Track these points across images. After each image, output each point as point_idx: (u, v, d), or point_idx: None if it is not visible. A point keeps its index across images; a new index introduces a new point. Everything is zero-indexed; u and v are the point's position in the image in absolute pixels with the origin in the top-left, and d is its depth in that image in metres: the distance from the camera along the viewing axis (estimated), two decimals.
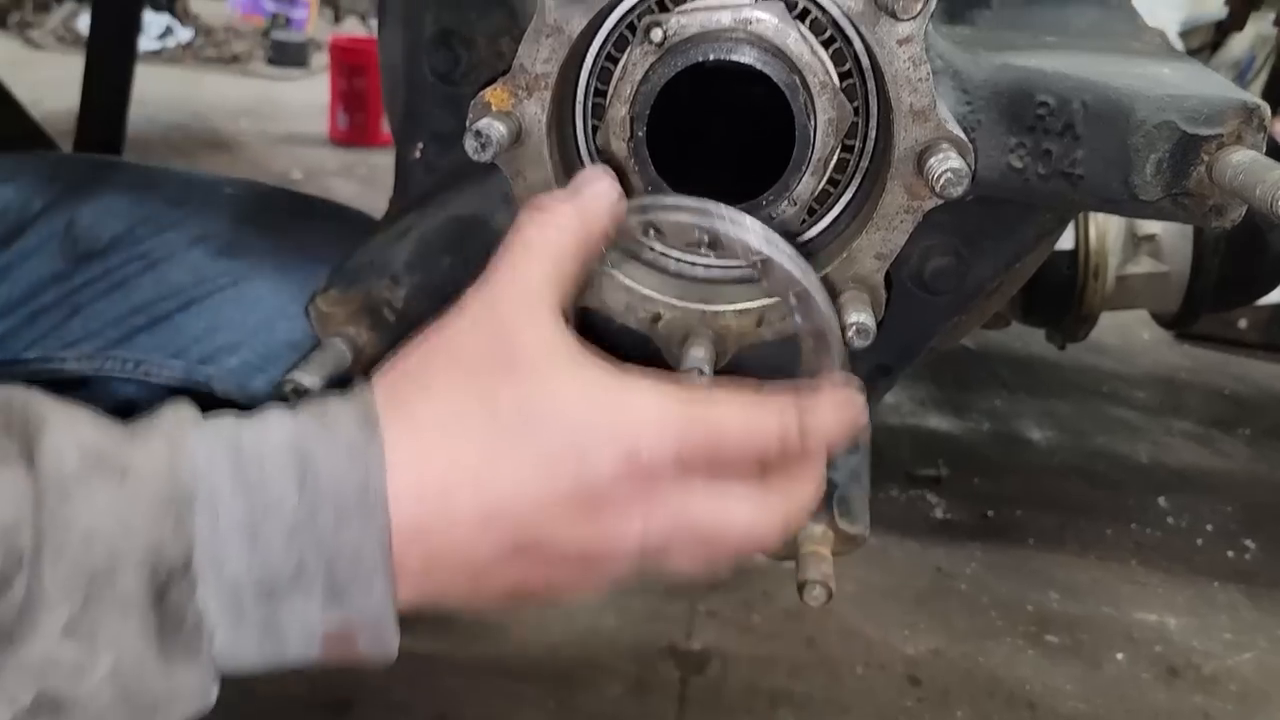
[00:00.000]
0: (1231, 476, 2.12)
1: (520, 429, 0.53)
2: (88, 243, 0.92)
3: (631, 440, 0.53)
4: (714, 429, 0.55)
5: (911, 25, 0.62)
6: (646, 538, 0.54)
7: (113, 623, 0.46)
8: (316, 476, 0.50)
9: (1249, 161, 0.65)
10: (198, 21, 5.02)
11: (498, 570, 0.53)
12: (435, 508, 0.52)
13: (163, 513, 0.48)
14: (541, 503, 0.52)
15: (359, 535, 0.50)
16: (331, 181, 3.35)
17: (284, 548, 0.49)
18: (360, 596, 0.50)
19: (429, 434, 0.53)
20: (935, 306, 0.88)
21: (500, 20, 0.81)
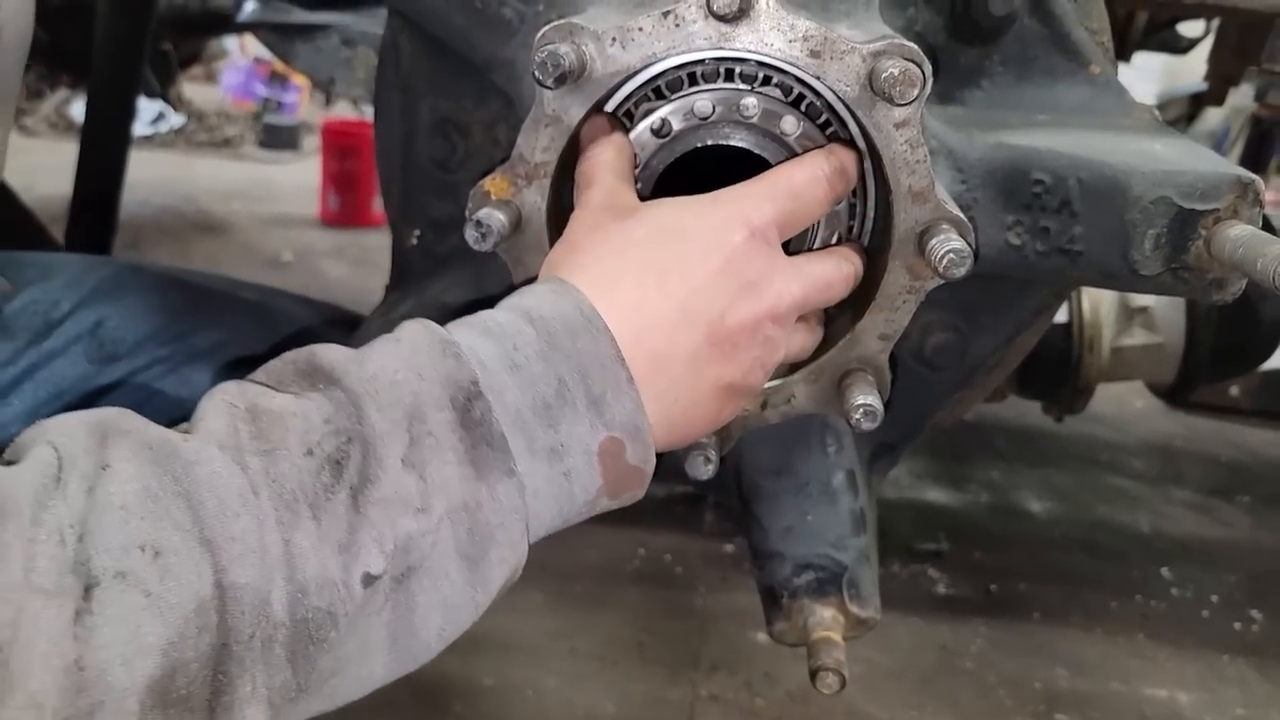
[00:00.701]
0: (1234, 545, 2.10)
1: (666, 242, 0.62)
2: (113, 345, 0.95)
3: (742, 213, 0.63)
4: (786, 180, 0.65)
5: (908, 109, 0.62)
6: (794, 297, 0.64)
7: (435, 457, 0.53)
8: (541, 315, 0.58)
9: (1248, 235, 0.65)
10: (190, 107, 5.09)
11: (705, 363, 0.61)
12: (639, 317, 0.60)
13: (441, 354, 0.55)
14: (711, 287, 0.61)
15: (594, 344, 0.58)
16: (323, 263, 3.36)
17: (542, 370, 0.56)
18: (615, 401, 0.58)
19: (605, 274, 0.61)
20: (937, 382, 0.88)
21: (496, 108, 0.82)
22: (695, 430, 0.64)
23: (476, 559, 0.55)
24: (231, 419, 0.51)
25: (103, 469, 0.46)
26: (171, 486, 0.47)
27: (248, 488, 0.48)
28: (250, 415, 0.51)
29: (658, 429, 0.60)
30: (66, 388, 0.92)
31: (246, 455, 0.50)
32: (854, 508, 0.82)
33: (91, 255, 1.28)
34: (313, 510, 0.50)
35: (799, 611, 0.81)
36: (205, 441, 0.50)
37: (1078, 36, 0.80)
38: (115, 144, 1.88)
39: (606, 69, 0.63)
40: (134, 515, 0.45)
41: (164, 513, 0.46)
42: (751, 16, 0.61)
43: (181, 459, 0.48)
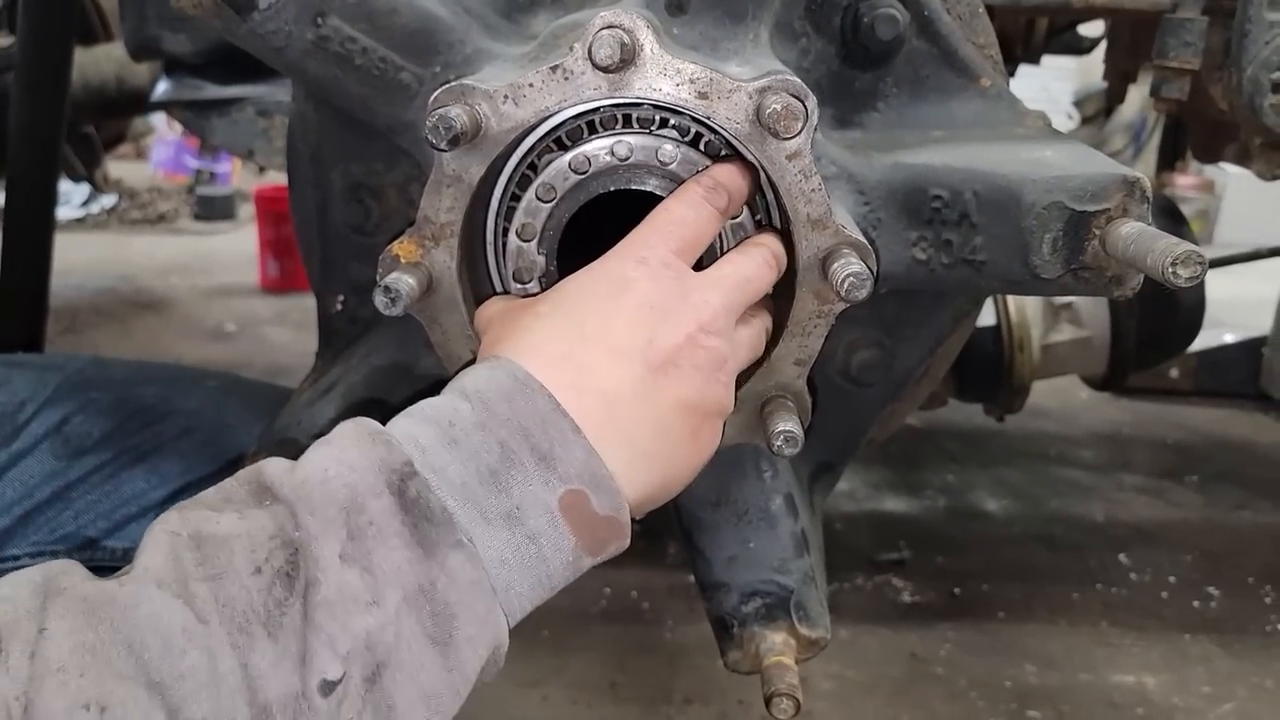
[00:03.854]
0: (1187, 525, 2.14)
1: (574, 302, 0.63)
2: (79, 440, 0.96)
3: (634, 254, 0.64)
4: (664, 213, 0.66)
5: (796, 142, 0.64)
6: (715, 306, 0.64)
7: (380, 545, 0.52)
8: (476, 389, 0.58)
9: (1138, 232, 0.67)
10: (121, 185, 5.04)
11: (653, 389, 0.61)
12: (571, 367, 0.60)
13: (371, 443, 0.55)
14: (630, 322, 0.62)
15: (530, 403, 0.58)
16: (266, 330, 3.33)
17: (481, 439, 0.56)
18: (564, 452, 0.57)
19: (528, 342, 0.62)
20: (867, 398, 0.90)
21: (408, 168, 0.83)
22: (681, 460, 0.64)
23: (444, 641, 0.53)
24: (173, 549, 0.50)
25: (41, 632, 0.46)
26: (110, 636, 0.46)
27: (193, 619, 0.48)
28: (194, 542, 0.51)
29: (636, 470, 0.60)
30: (36, 485, 0.93)
31: (191, 584, 0.49)
32: (795, 530, 0.83)
33: (51, 354, 1.30)
34: (267, 629, 0.49)
35: (750, 639, 0.81)
36: (143, 582, 0.49)
37: (966, 53, 0.83)
38: (39, 232, 1.86)
39: (501, 126, 0.64)
40: (73, 675, 0.44)
41: (104, 665, 0.45)
42: (637, 64, 0.63)
43: (118, 605, 0.47)
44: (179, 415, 1.01)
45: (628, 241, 0.65)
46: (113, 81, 2.16)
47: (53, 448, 0.95)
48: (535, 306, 0.64)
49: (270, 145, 1.65)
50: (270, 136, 1.65)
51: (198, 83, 1.63)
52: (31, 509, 0.93)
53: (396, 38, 0.71)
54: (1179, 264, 0.61)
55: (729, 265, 0.68)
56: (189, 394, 1.05)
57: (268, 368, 2.89)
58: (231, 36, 0.72)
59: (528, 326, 0.63)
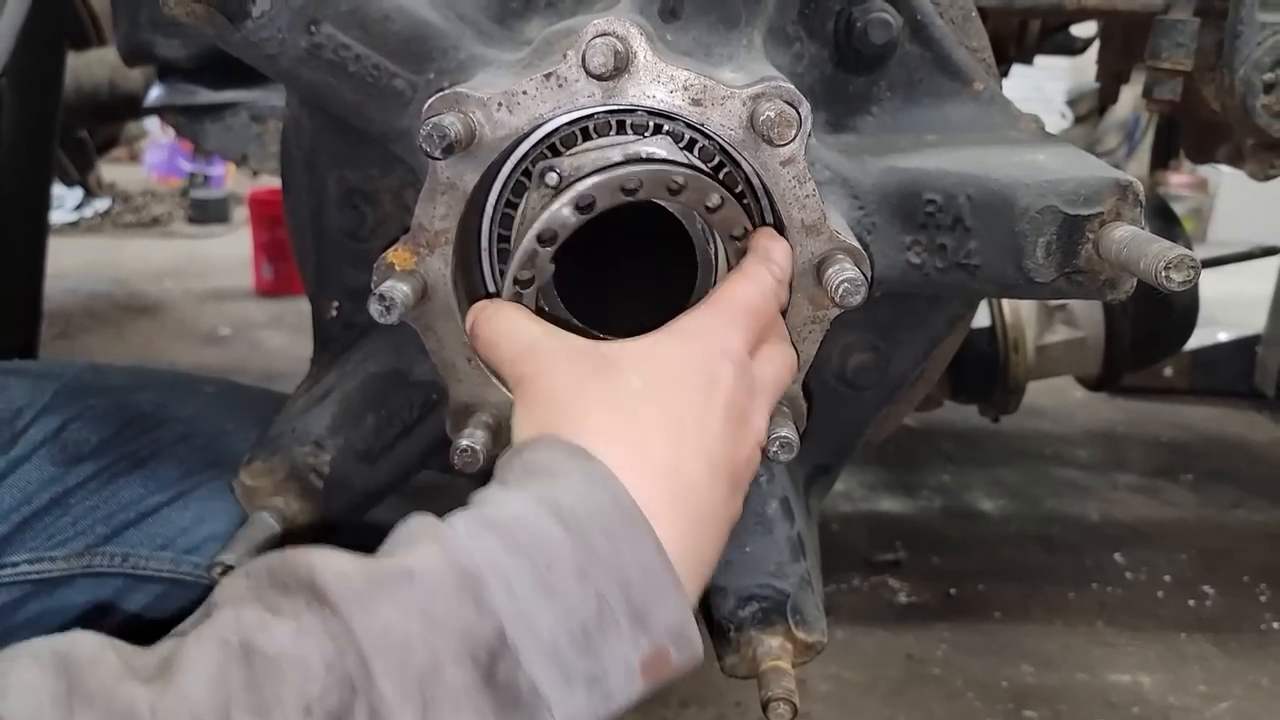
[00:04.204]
0: (1181, 524, 2.15)
1: (669, 390, 0.59)
2: (77, 447, 0.95)
3: (720, 347, 0.62)
4: (744, 302, 0.65)
5: (790, 148, 0.64)
6: (765, 415, 0.64)
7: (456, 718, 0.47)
8: (574, 514, 0.52)
9: (1130, 236, 0.67)
10: (114, 189, 5.03)
11: (725, 507, 0.60)
12: (674, 483, 0.56)
13: (461, 599, 0.49)
14: (724, 432, 0.59)
15: (636, 549, 0.53)
16: (261, 334, 3.33)
17: (579, 589, 0.51)
18: (660, 609, 0.53)
19: (628, 435, 0.57)
20: (862, 401, 0.90)
21: (403, 174, 0.83)
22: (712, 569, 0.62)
23: None
24: (222, 663, 0.46)
25: None
26: None
27: None
28: (244, 656, 0.46)
29: (696, 589, 0.58)
30: (34, 491, 0.93)
31: (234, 713, 0.45)
32: (790, 534, 0.83)
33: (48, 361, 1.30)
34: None
35: (747, 643, 0.81)
36: (180, 703, 0.45)
37: (959, 56, 0.83)
38: (32, 236, 1.86)
39: (495, 134, 0.64)
40: None
41: None
42: (631, 71, 0.63)
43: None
44: (176, 422, 1.01)
45: (707, 324, 0.63)
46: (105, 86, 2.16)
47: (50, 454, 0.95)
48: (626, 379, 0.59)
49: (264, 150, 1.64)
50: (264, 141, 1.64)
51: (191, 88, 1.63)
52: (30, 516, 0.92)
53: (390, 45, 0.71)
54: (1172, 268, 0.61)
55: (772, 366, 0.67)
56: (186, 400, 1.04)
57: (263, 371, 2.89)
58: (224, 44, 0.72)
59: (624, 407, 0.58)
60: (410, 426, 0.83)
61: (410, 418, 0.83)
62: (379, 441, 0.82)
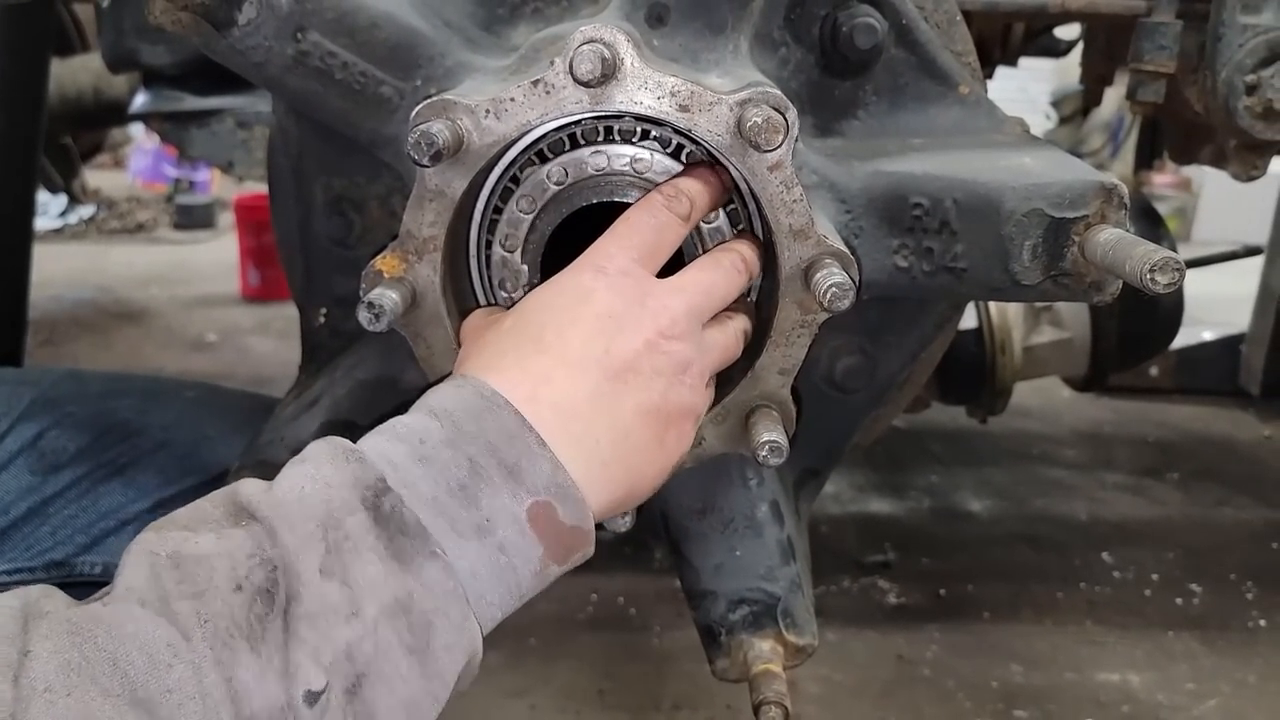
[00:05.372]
0: (1168, 522, 2.16)
1: (532, 315, 0.64)
2: (55, 455, 0.95)
3: (591, 264, 0.65)
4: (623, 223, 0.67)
5: (777, 154, 0.64)
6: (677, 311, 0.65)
7: (356, 560, 0.53)
8: (444, 407, 0.59)
9: (1116, 239, 0.68)
10: (98, 195, 5.00)
11: (611, 397, 0.62)
12: (528, 380, 0.61)
13: (345, 461, 0.56)
14: (586, 332, 0.63)
15: (497, 419, 0.59)
16: (248, 339, 3.31)
17: (451, 455, 0.57)
18: (531, 465, 0.58)
19: (489, 359, 0.63)
20: (851, 405, 0.90)
21: (390, 181, 0.83)
22: (646, 465, 0.65)
23: (422, 651, 0.54)
24: (153, 569, 0.51)
25: (24, 655, 0.46)
26: (95, 655, 0.46)
27: (177, 636, 0.48)
28: (173, 562, 0.51)
29: (597, 476, 0.61)
30: (12, 501, 0.93)
31: (174, 602, 0.49)
32: (781, 538, 0.84)
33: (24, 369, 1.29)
34: (250, 643, 0.50)
35: (738, 647, 0.82)
36: (125, 601, 0.49)
37: (944, 61, 0.83)
38: (17, 243, 1.85)
39: (483, 140, 0.64)
40: (59, 694, 0.45)
41: (90, 683, 0.45)
42: (618, 78, 0.63)
43: (103, 624, 0.48)
44: (156, 428, 1.00)
45: (589, 252, 0.66)
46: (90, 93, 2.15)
47: (28, 463, 0.94)
48: (500, 322, 0.66)
49: (250, 157, 1.64)
50: (250, 148, 1.64)
51: (176, 94, 1.62)
52: (7, 526, 0.92)
53: (377, 52, 0.71)
54: (1157, 270, 0.61)
55: (694, 271, 0.69)
56: (166, 406, 1.04)
57: (250, 378, 2.88)
58: (211, 52, 0.72)
59: (490, 342, 0.64)
60: None
61: None
62: None
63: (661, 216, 0.67)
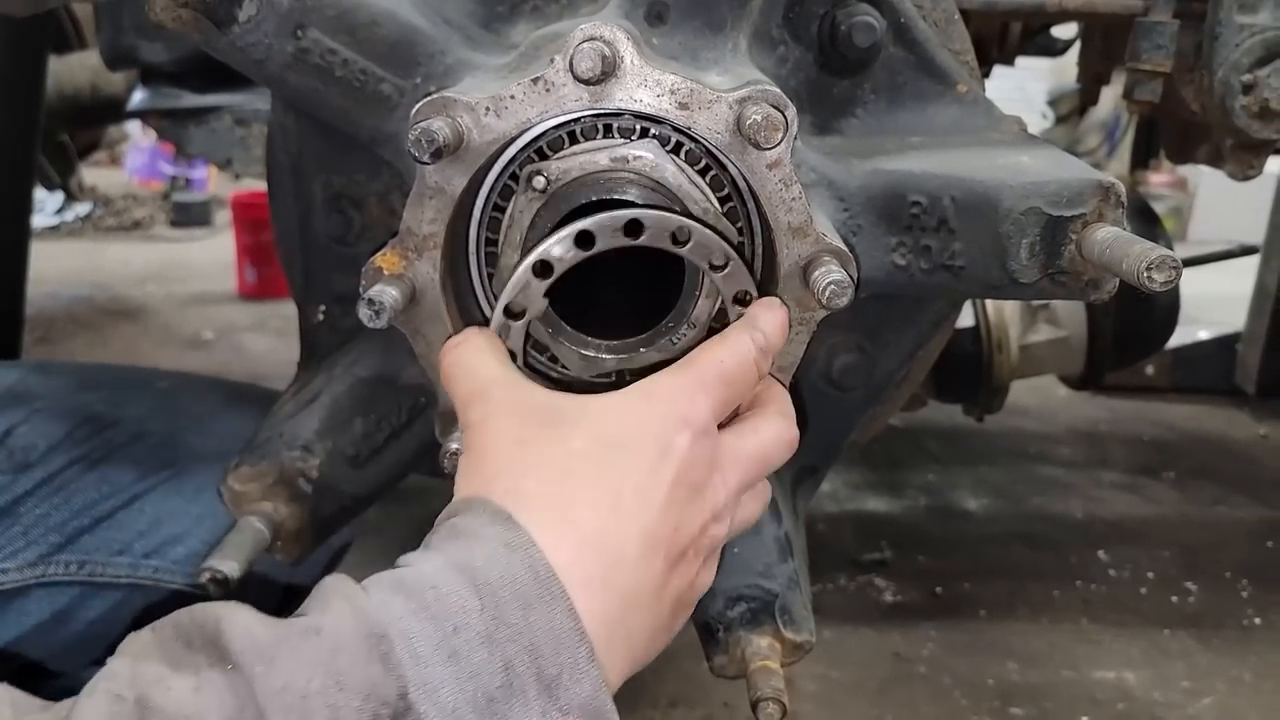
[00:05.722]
0: (1164, 521, 2.16)
1: (612, 456, 0.56)
2: (25, 452, 0.93)
3: (680, 414, 0.58)
4: (716, 367, 0.62)
5: (776, 151, 0.65)
6: (732, 488, 0.60)
7: None
8: (487, 580, 0.51)
9: (1113, 237, 0.68)
10: (95, 193, 5.00)
11: (665, 587, 0.56)
12: (601, 555, 0.53)
13: (366, 656, 0.47)
14: (667, 504, 0.56)
15: (549, 617, 0.51)
16: (244, 337, 3.31)
17: (486, 655, 0.49)
18: (573, 682, 0.50)
19: (555, 502, 0.55)
20: (849, 402, 0.90)
21: (389, 178, 0.83)
22: (656, 648, 0.59)
23: None
24: (114, 718, 0.44)
25: None
26: None
27: None
28: (138, 713, 0.45)
29: (624, 669, 0.56)
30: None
31: None
32: (779, 535, 0.84)
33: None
34: None
35: (736, 644, 0.82)
36: None
37: (942, 59, 0.83)
38: (13, 241, 1.85)
39: (483, 138, 0.64)
40: None
41: None
42: (618, 75, 0.63)
43: None
44: (128, 421, 0.98)
45: (673, 388, 0.60)
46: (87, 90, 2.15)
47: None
48: (568, 439, 0.57)
49: (248, 154, 1.64)
50: (248, 145, 1.64)
51: (175, 91, 1.62)
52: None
53: (377, 49, 0.71)
54: (1154, 269, 0.61)
55: (755, 437, 0.63)
56: (138, 398, 1.02)
57: (247, 376, 2.87)
58: (211, 49, 0.72)
59: (559, 470, 0.56)
60: (399, 430, 0.83)
61: (399, 422, 0.83)
62: (367, 446, 0.82)
63: (751, 373, 0.63)
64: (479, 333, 0.66)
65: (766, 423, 0.65)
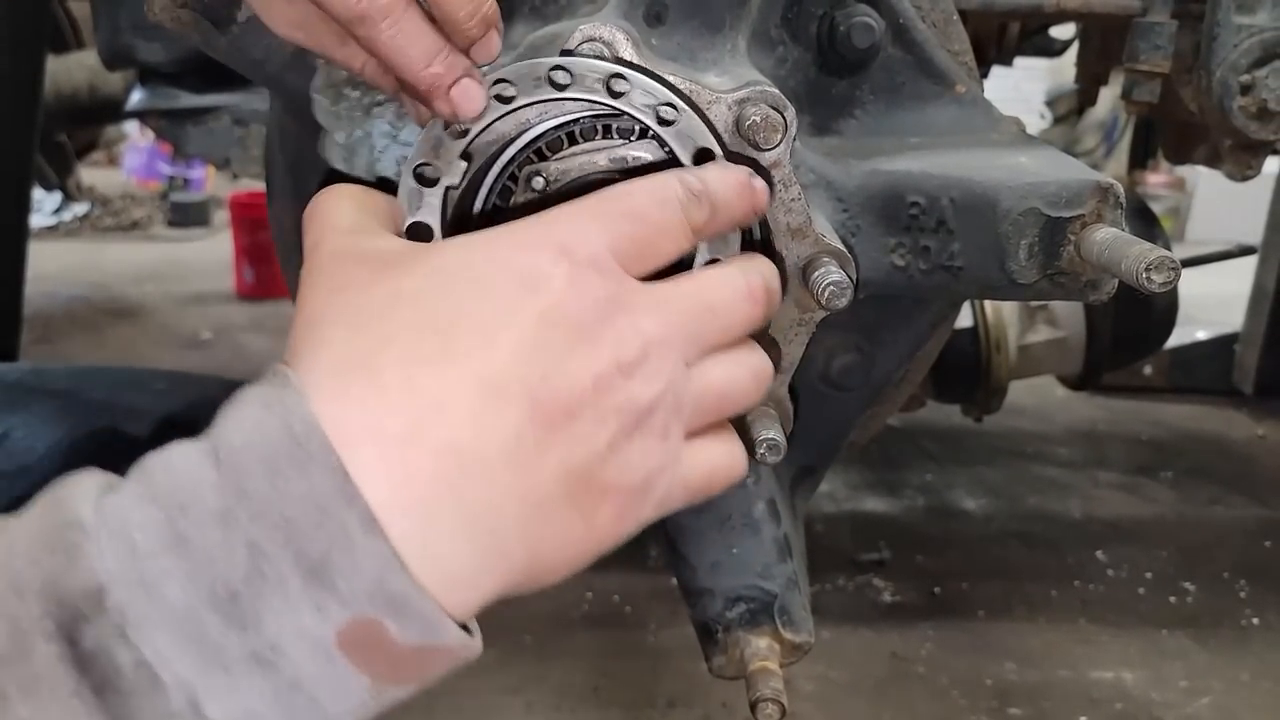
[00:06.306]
0: (1162, 521, 2.17)
1: (450, 289, 0.44)
2: (22, 456, 0.91)
3: (556, 239, 0.46)
4: (623, 198, 0.50)
5: (776, 152, 0.65)
6: (651, 337, 0.46)
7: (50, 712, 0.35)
8: (230, 445, 0.39)
9: (1112, 238, 0.68)
10: (93, 193, 5.00)
11: (534, 450, 0.43)
12: (412, 405, 0.41)
13: (48, 552, 0.38)
14: (524, 342, 0.43)
15: (305, 480, 0.38)
16: (243, 337, 3.31)
17: (220, 536, 0.38)
18: (347, 561, 0.38)
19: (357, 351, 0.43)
20: (847, 402, 0.90)
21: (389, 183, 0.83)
22: (557, 549, 0.46)
23: None
24: None
25: None
26: None
27: None
28: None
29: (484, 562, 0.42)
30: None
31: None
32: (777, 535, 0.84)
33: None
34: None
35: (734, 644, 0.82)
36: None
37: (941, 60, 0.83)
38: (12, 241, 1.85)
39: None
40: None
41: None
42: None
43: None
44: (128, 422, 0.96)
45: (556, 214, 0.48)
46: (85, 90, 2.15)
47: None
48: (398, 279, 0.45)
49: (246, 154, 1.64)
50: (246, 145, 1.64)
51: (173, 92, 1.62)
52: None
53: None
54: (1153, 270, 0.61)
55: (691, 282, 0.51)
56: (137, 399, 1.00)
57: (245, 376, 2.84)
58: (210, 50, 0.72)
59: (375, 314, 0.43)
60: None
61: None
62: None
63: (670, 213, 0.50)
64: (350, 187, 0.55)
65: (712, 270, 0.53)
